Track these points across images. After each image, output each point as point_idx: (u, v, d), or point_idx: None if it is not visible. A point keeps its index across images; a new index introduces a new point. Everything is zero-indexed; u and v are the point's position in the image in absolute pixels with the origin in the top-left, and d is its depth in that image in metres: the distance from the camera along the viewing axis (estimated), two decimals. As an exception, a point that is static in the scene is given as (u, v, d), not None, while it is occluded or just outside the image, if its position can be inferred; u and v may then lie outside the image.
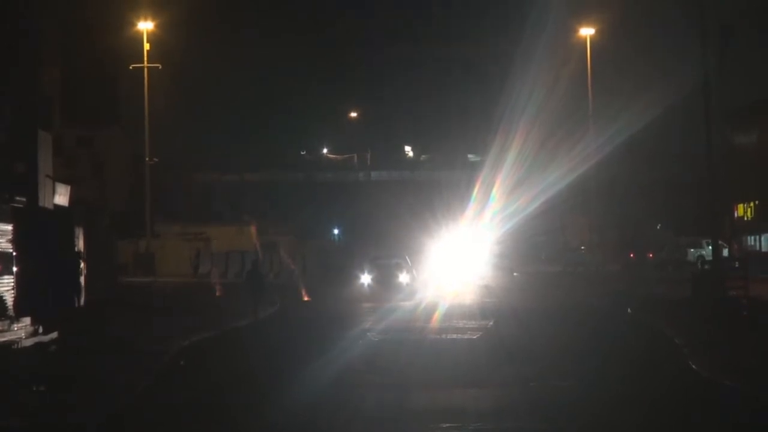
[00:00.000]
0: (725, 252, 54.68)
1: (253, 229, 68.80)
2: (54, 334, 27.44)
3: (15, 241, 30.39)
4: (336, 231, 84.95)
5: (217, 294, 43.91)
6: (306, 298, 43.03)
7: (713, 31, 42.53)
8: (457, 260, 55.13)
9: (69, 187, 35.67)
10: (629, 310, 33.64)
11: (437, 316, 33.96)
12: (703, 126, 35.18)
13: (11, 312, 30.07)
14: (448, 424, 14.97)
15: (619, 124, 58.47)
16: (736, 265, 36.13)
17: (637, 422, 15.21)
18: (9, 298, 30.78)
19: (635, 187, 67.79)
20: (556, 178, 58.15)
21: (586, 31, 62.89)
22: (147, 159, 62.22)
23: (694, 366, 19.99)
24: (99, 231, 50.11)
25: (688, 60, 46.80)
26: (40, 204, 31.55)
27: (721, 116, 58.63)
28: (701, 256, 60.09)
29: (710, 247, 43.02)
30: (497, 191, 57.30)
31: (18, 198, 30.71)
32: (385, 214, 67.89)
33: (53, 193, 33.38)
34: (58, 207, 33.72)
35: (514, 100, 61.34)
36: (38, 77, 31.58)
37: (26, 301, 30.35)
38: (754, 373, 18.81)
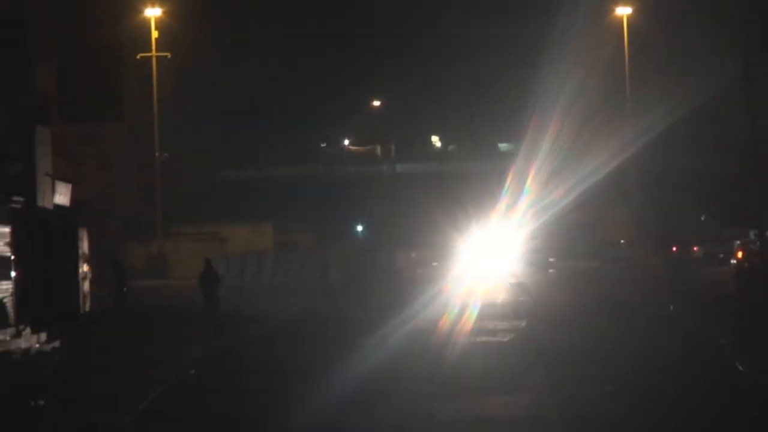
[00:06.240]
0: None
1: (269, 228, 68.64)
2: (56, 343, 27.41)
3: (13, 244, 30.44)
4: (359, 228, 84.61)
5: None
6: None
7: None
8: (490, 256, 54.83)
9: (70, 186, 35.60)
10: (671, 307, 33.38)
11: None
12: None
13: (11, 320, 30.09)
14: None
15: (661, 110, 57.96)
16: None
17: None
18: (9, 305, 30.79)
19: (679, 176, 67.27)
20: (594, 168, 57.67)
21: (623, 11, 63.19)
22: (157, 154, 62.37)
23: (740, 368, 19.87)
24: (106, 233, 50.25)
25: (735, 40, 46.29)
26: (39, 204, 31.55)
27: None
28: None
29: (759, 240, 42.53)
30: (531, 182, 56.93)
31: (15, 198, 30.72)
32: (411, 208, 67.36)
33: (53, 192, 33.30)
34: (58, 207, 33.67)
35: (548, 85, 60.84)
36: (34, 72, 31.73)
37: (26, 308, 30.42)
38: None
